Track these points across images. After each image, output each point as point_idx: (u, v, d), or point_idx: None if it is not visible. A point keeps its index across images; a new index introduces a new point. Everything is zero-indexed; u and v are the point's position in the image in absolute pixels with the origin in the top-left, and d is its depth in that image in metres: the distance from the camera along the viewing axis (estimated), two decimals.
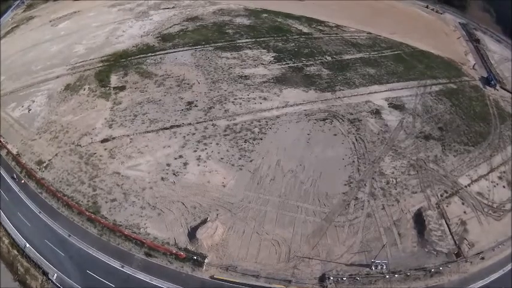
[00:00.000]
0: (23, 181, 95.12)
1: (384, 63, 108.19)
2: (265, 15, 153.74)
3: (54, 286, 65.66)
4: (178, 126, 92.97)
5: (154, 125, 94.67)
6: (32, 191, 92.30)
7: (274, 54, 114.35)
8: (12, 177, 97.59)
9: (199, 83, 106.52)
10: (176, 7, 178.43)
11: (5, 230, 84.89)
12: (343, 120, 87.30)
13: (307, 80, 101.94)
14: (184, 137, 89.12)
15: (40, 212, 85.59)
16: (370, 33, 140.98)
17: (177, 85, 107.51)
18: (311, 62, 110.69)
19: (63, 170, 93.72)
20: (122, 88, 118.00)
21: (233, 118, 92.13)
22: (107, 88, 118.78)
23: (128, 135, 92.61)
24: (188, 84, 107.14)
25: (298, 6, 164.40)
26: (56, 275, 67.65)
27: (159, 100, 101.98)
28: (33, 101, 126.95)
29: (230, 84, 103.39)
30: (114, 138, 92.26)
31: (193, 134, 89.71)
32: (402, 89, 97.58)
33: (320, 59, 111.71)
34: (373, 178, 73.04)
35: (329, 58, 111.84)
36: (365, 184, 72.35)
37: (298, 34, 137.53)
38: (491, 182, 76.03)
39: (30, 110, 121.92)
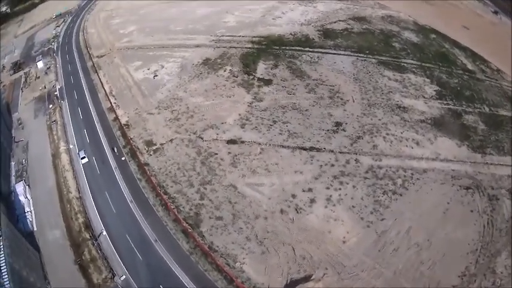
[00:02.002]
0: (123, 158, 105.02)
1: None
2: (433, 36, 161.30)
3: None
4: (318, 150, 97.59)
5: (293, 141, 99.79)
6: (130, 173, 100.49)
7: (436, 88, 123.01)
8: (112, 149, 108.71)
9: (354, 101, 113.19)
10: (344, 0, 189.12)
11: (84, 206, 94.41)
12: (484, 195, 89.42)
13: (462, 132, 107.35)
14: (321, 166, 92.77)
15: (132, 202, 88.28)
16: None
17: (329, 96, 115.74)
18: (470, 109, 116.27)
19: (174, 161, 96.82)
20: (268, 82, 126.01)
21: (379, 158, 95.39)
22: (251, 77, 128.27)
23: (260, 144, 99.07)
24: (342, 99, 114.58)
25: (465, 34, 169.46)
26: (124, 277, 73.86)
27: (306, 110, 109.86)
28: (162, 67, 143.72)
29: (386, 113, 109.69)
30: (243, 142, 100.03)
31: (332, 165, 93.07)
32: None
33: (479, 108, 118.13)
34: (484, 275, 75.23)
35: (487, 109, 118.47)
36: (475, 280, 74.36)
37: (462, 70, 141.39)
38: None
39: (156, 76, 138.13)
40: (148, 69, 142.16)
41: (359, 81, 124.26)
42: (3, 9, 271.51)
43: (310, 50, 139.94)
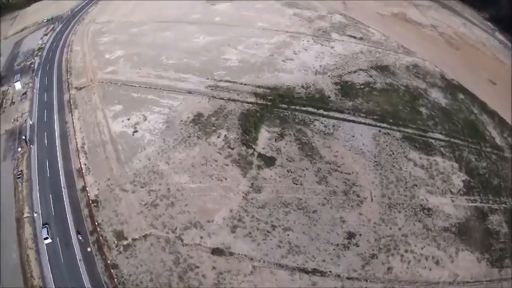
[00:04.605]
0: (89, 249, 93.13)
1: None
2: (461, 96, 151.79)
3: None
4: (322, 274, 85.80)
5: (293, 258, 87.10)
6: (97, 273, 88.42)
7: (465, 178, 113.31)
8: (78, 233, 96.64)
9: (372, 199, 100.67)
10: (364, 39, 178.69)
11: None
12: None
13: (485, 240, 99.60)
14: None
15: None
16: None
17: (343, 191, 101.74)
18: (496, 206, 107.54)
19: (147, 269, 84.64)
20: (271, 162, 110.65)
21: (392, 286, 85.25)
22: (250, 151, 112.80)
23: (252, 259, 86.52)
24: (358, 196, 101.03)
25: (492, 91, 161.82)
26: None
27: (314, 212, 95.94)
28: (145, 119, 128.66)
29: (408, 218, 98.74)
30: (231, 253, 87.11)
31: None
32: None
33: (504, 203, 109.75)
34: None
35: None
36: None
37: (491, 146, 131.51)
38: None
39: (136, 131, 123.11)
40: (129, 120, 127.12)
41: (380, 168, 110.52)
42: None
43: (325, 113, 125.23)
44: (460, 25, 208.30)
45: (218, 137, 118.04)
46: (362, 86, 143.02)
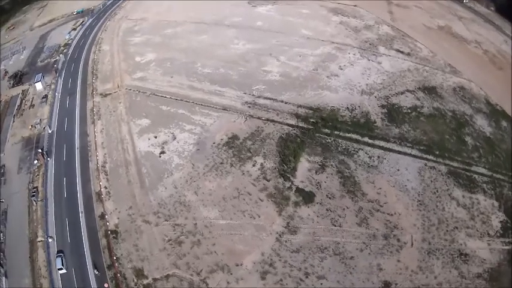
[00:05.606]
0: (106, 285, 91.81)
1: None
2: (504, 124, 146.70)
3: None
4: None
5: None
6: None
7: (503, 218, 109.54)
8: (94, 266, 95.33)
9: (412, 244, 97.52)
10: (412, 55, 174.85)
11: None
12: None
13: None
14: None
15: None
16: None
17: (384, 235, 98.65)
18: None
19: None
20: (309, 198, 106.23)
21: None
22: (288, 184, 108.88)
23: None
24: (399, 240, 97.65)
25: None
26: None
27: (351, 258, 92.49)
28: (174, 138, 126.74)
29: (445, 265, 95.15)
30: None
31: None
32: None
33: None
34: None
35: None
36: None
37: None
38: None
39: (163, 152, 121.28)
40: (156, 138, 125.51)
41: (423, 208, 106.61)
42: None
43: (370, 141, 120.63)
44: (502, 42, 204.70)
45: (253, 165, 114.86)
46: (409, 111, 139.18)
